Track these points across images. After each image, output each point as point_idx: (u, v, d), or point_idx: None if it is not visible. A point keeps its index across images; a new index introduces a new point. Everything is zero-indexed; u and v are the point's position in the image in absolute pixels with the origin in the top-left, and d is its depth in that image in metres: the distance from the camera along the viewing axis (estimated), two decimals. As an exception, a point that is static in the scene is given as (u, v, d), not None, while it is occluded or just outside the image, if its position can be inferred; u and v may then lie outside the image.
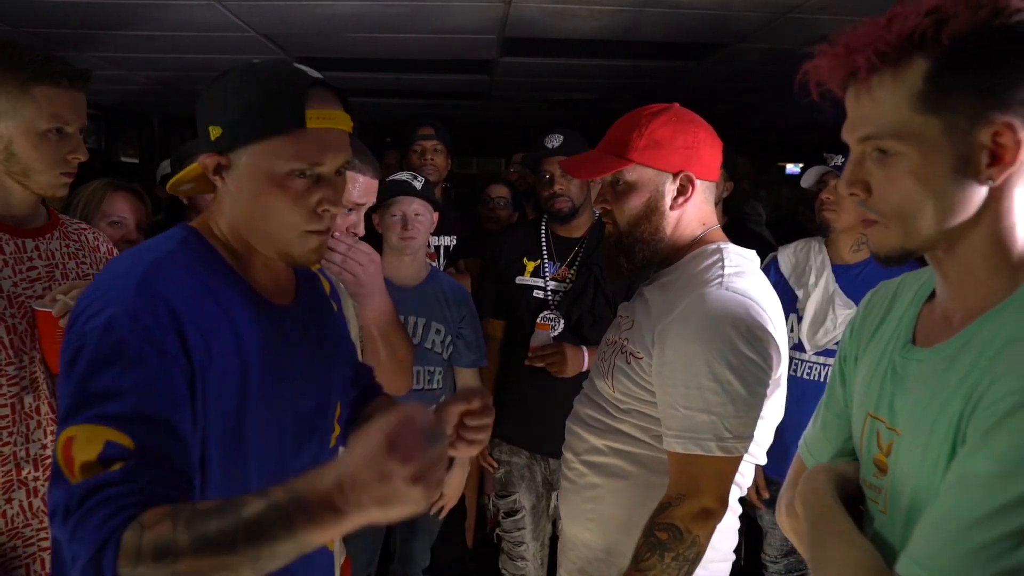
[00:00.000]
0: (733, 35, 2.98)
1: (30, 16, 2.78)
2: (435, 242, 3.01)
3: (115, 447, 0.87)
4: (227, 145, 1.02)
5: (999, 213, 0.81)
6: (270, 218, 1.04)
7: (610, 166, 1.44)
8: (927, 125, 0.79)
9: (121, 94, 4.84)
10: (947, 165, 0.79)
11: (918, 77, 0.79)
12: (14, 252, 1.51)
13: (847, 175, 0.87)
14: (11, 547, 1.47)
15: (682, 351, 1.32)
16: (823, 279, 2.30)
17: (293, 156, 1.01)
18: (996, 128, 0.77)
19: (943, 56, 0.77)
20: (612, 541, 1.45)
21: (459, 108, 5.49)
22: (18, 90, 1.44)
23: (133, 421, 0.89)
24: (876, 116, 0.82)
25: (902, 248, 0.85)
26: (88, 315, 0.95)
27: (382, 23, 2.87)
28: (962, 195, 0.80)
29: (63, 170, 1.51)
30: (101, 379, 0.91)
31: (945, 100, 0.78)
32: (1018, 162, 0.78)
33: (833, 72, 0.84)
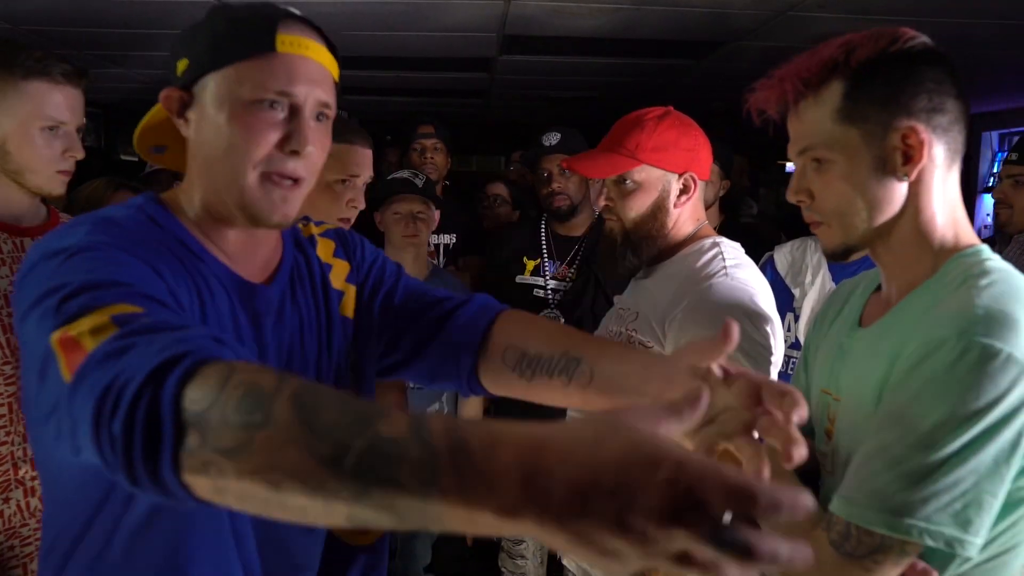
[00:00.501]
0: (732, 33, 2.98)
1: (30, 14, 2.78)
2: (435, 240, 3.01)
3: (127, 315, 0.69)
4: (191, 77, 0.91)
5: (919, 207, 0.97)
6: (229, 158, 0.89)
7: (620, 165, 1.53)
8: (848, 134, 0.95)
9: (121, 92, 4.84)
10: (869, 167, 0.95)
11: (837, 96, 0.96)
12: (12, 251, 1.51)
13: (793, 185, 1.02)
14: (8, 547, 1.47)
15: (695, 338, 1.36)
16: (819, 278, 2.30)
17: (259, 82, 0.88)
18: (903, 131, 0.94)
19: (854, 77, 0.95)
20: None
21: (459, 106, 5.49)
22: (13, 88, 1.43)
23: (134, 296, 0.72)
24: (808, 132, 0.99)
25: (844, 244, 1.01)
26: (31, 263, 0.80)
27: (382, 21, 2.87)
28: (885, 192, 0.96)
29: (59, 168, 1.50)
30: (73, 278, 0.73)
31: (860, 112, 0.95)
32: (926, 159, 0.94)
33: (770, 101, 0.99)
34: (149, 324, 0.67)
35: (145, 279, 0.77)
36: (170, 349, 0.62)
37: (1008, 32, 2.87)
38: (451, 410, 2.47)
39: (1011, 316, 0.86)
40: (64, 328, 0.69)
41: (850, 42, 0.96)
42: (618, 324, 1.58)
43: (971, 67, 3.72)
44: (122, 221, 0.88)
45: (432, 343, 1.09)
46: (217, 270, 0.93)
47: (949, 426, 0.84)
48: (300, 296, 1.04)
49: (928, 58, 0.95)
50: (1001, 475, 0.84)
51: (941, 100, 0.94)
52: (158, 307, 0.72)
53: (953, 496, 0.83)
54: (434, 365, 1.10)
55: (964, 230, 0.99)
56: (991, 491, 0.84)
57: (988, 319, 0.86)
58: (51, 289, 0.73)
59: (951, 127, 0.96)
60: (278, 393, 0.58)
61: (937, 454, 0.84)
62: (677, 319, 1.43)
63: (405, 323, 1.11)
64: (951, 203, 0.98)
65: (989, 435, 0.83)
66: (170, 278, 0.83)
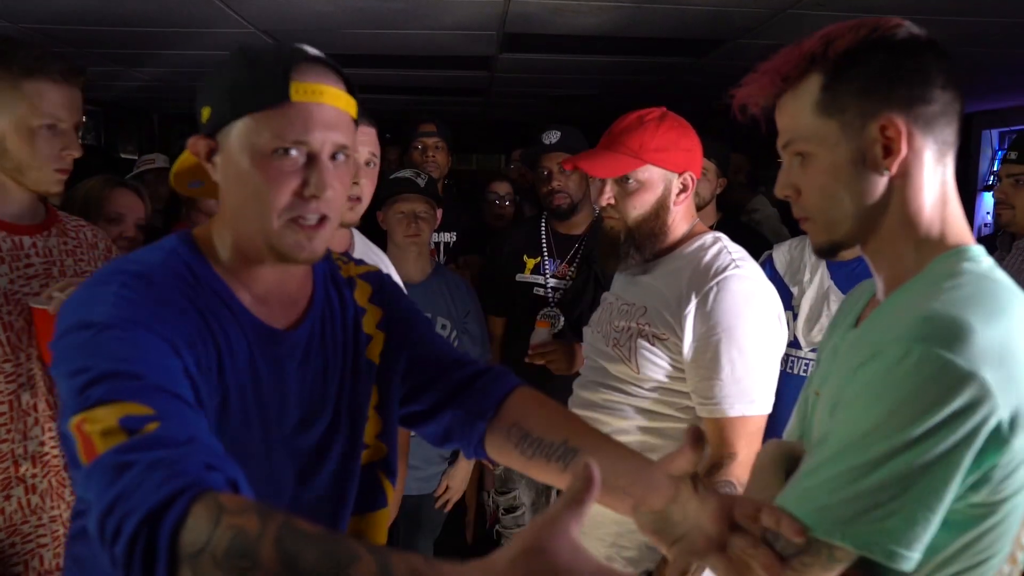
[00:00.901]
0: (732, 31, 2.98)
1: (29, 12, 2.78)
2: (435, 238, 3.01)
3: (135, 417, 0.77)
4: (214, 125, 0.95)
5: (904, 202, 0.93)
6: (255, 203, 0.94)
7: (626, 165, 1.58)
8: (827, 127, 0.93)
9: (121, 90, 4.84)
10: (849, 160, 0.92)
11: (816, 88, 0.93)
12: (11, 249, 1.51)
13: (780, 180, 1.00)
14: (9, 544, 1.48)
15: (715, 328, 1.50)
16: (818, 276, 2.30)
17: (276, 132, 0.92)
18: (881, 122, 0.90)
19: (832, 69, 0.92)
20: None
21: (459, 104, 5.49)
22: (10, 86, 1.43)
23: (146, 391, 0.80)
24: (790, 125, 0.97)
25: (830, 240, 0.98)
26: (65, 328, 0.88)
27: (382, 19, 2.87)
28: (868, 186, 0.93)
29: (57, 166, 1.50)
30: (94, 365, 0.82)
31: (838, 104, 0.92)
32: (906, 150, 0.91)
33: (754, 96, 0.98)
34: (152, 439, 0.75)
35: (161, 367, 0.84)
36: (168, 485, 0.70)
37: (1008, 30, 2.87)
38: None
39: (961, 322, 0.81)
40: (83, 414, 0.78)
41: (830, 33, 0.94)
42: (625, 319, 1.63)
43: (971, 65, 3.72)
44: (153, 275, 0.93)
45: (451, 405, 1.15)
46: (243, 318, 0.98)
47: (882, 431, 0.80)
48: (329, 338, 1.07)
49: (912, 47, 0.92)
50: (936, 487, 0.79)
51: (925, 90, 0.91)
52: (167, 403, 0.80)
53: (878, 502, 0.79)
54: (450, 426, 1.15)
55: (954, 228, 0.95)
56: (924, 503, 0.79)
57: (934, 324, 0.82)
58: (78, 370, 0.83)
59: (938, 119, 0.92)
60: (262, 537, 0.66)
61: (867, 458, 0.80)
62: (695, 312, 1.52)
63: (429, 377, 1.16)
64: (941, 199, 0.94)
65: (924, 442, 0.78)
66: (188, 346, 0.89)
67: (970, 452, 0.79)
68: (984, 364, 0.79)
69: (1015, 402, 0.80)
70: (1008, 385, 0.80)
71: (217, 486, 0.72)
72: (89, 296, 0.91)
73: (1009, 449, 0.80)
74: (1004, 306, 0.86)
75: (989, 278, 0.90)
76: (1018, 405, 0.80)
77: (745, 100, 0.99)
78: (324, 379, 1.05)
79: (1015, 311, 0.86)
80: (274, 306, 1.02)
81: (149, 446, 0.74)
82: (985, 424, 0.79)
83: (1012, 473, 0.82)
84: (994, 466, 0.81)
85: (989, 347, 0.80)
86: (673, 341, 1.54)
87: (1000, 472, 0.81)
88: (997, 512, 0.84)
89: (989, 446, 0.80)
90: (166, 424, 0.77)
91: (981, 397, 0.78)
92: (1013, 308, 0.86)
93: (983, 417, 0.78)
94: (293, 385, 1.02)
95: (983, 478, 0.81)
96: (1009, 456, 0.81)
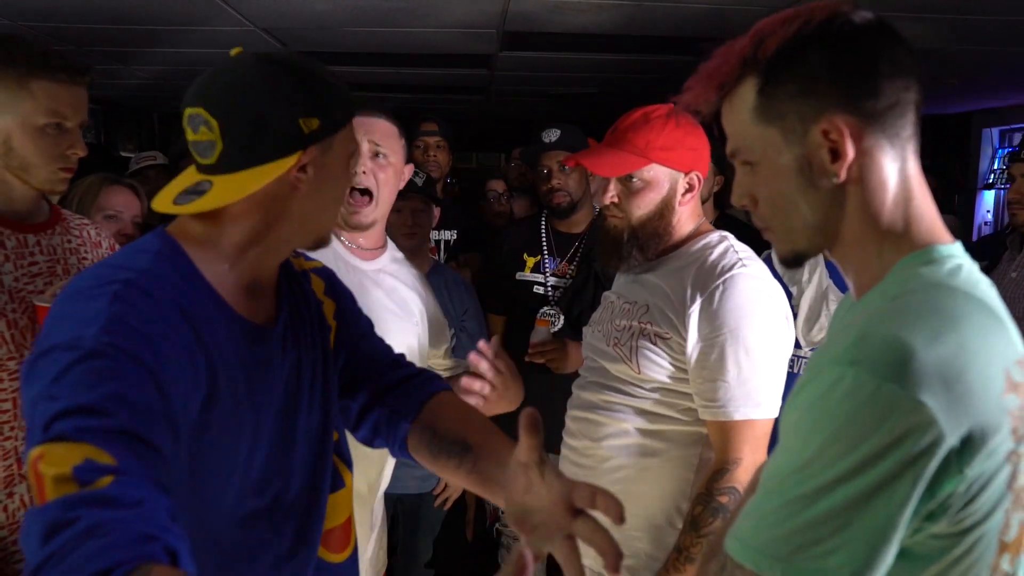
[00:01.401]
0: (732, 30, 2.97)
1: (29, 11, 2.78)
2: (435, 236, 3.01)
3: (92, 466, 0.75)
4: (324, 133, 0.99)
5: (862, 204, 0.85)
6: (333, 207, 1.06)
7: (631, 164, 1.54)
8: (768, 135, 0.86)
9: (120, 88, 4.84)
10: (795, 168, 0.85)
11: (751, 94, 0.86)
12: (16, 247, 1.51)
13: (735, 189, 0.93)
14: (12, 540, 1.48)
15: (721, 327, 1.46)
16: (816, 275, 2.30)
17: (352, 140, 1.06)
18: (823, 126, 0.83)
19: (765, 71, 0.85)
20: (646, 516, 1.53)
21: (459, 102, 5.49)
22: (16, 84, 1.43)
23: (113, 436, 0.78)
24: (733, 135, 0.90)
25: (792, 250, 0.91)
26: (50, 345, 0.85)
27: (382, 17, 2.87)
28: (819, 194, 0.85)
29: (61, 165, 1.50)
30: (69, 395, 0.80)
31: (776, 109, 0.85)
32: (853, 152, 0.83)
33: (695, 104, 0.91)
34: (101, 497, 0.74)
35: (139, 406, 0.82)
36: (98, 561, 0.69)
37: (1007, 28, 2.87)
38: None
39: (897, 341, 0.74)
40: (43, 448, 0.77)
41: (762, 30, 0.86)
42: (627, 318, 1.59)
43: (971, 63, 3.72)
44: (145, 283, 0.91)
45: (380, 404, 1.20)
46: (231, 318, 0.99)
47: (818, 462, 0.74)
48: (300, 329, 1.10)
49: (850, 36, 0.83)
50: (878, 519, 0.72)
51: (870, 83, 0.82)
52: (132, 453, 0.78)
53: (818, 537, 0.73)
54: (377, 425, 1.20)
55: (921, 226, 0.86)
56: (867, 536, 0.73)
57: (869, 345, 0.75)
58: (51, 395, 0.81)
59: (888, 112, 0.83)
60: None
61: (805, 489, 0.74)
62: (700, 311, 1.48)
63: (364, 375, 1.21)
64: (903, 197, 0.86)
65: (864, 474, 0.72)
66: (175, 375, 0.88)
67: (917, 481, 0.72)
68: (924, 388, 0.72)
69: (966, 426, 0.73)
70: (955, 408, 0.72)
71: (154, 557, 0.71)
72: (79, 310, 0.88)
73: (965, 477, 0.73)
74: (955, 320, 0.77)
75: (943, 286, 0.81)
76: (970, 428, 0.73)
77: (687, 107, 0.92)
78: (299, 370, 1.08)
79: (970, 323, 0.78)
80: (255, 302, 1.04)
81: (97, 504, 0.73)
82: (931, 452, 0.71)
83: (973, 500, 0.75)
84: (950, 494, 0.74)
85: (931, 369, 0.72)
86: (676, 341, 1.50)
87: (958, 500, 0.74)
88: (962, 542, 0.77)
89: (942, 475, 0.73)
90: (121, 479, 0.75)
91: (920, 423, 0.71)
92: (967, 320, 0.78)
93: (927, 444, 0.71)
94: (277, 380, 1.04)
95: (940, 508, 0.75)
96: (966, 484, 0.74)
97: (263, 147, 0.95)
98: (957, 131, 5.98)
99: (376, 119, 1.70)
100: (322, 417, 1.12)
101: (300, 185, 0.98)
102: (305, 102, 0.96)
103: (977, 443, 0.73)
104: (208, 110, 0.95)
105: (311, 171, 0.98)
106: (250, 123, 0.94)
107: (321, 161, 0.99)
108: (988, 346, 0.77)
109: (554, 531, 0.82)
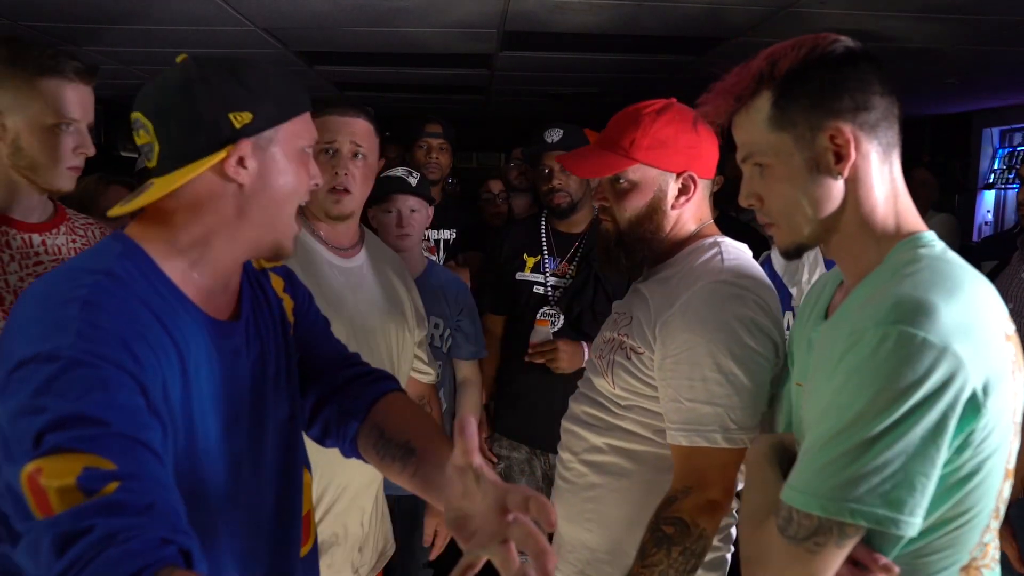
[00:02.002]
0: (733, 29, 2.98)
1: (29, 10, 2.78)
2: (435, 236, 3.01)
3: (95, 473, 0.75)
4: (257, 128, 0.99)
5: (859, 200, 1.02)
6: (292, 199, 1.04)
7: (613, 165, 1.44)
8: (781, 140, 1.03)
9: (121, 88, 4.84)
10: (804, 168, 1.02)
11: (766, 106, 1.03)
12: (21, 247, 1.51)
13: (743, 191, 1.09)
14: None
15: (685, 343, 1.32)
16: (816, 276, 2.31)
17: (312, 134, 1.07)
18: (830, 132, 1.00)
19: (780, 87, 1.02)
20: (614, 540, 1.44)
21: (459, 102, 5.49)
22: (26, 84, 1.44)
23: (110, 441, 0.78)
24: (747, 141, 1.07)
25: (794, 242, 1.07)
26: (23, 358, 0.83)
27: (382, 17, 2.87)
28: (824, 190, 1.02)
29: (69, 165, 1.51)
30: (56, 406, 0.78)
31: (788, 119, 1.02)
32: (854, 154, 1.00)
33: (711, 115, 1.08)
34: (111, 504, 0.74)
35: (127, 408, 0.82)
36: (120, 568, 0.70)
37: (1008, 28, 2.87)
38: (450, 404, 2.48)
39: (927, 302, 0.89)
40: (38, 463, 0.76)
41: (774, 54, 1.03)
42: (611, 330, 1.50)
43: (972, 63, 3.72)
44: (113, 288, 0.91)
45: (330, 402, 1.21)
46: (196, 316, 0.99)
47: (873, 411, 0.87)
48: (262, 326, 1.12)
49: (849, 60, 1.01)
50: (929, 455, 0.87)
51: (866, 98, 1.00)
52: (131, 456, 0.78)
53: (883, 477, 0.87)
54: (327, 424, 1.21)
55: (907, 218, 1.04)
56: (921, 471, 0.87)
57: (904, 307, 0.90)
58: (36, 408, 0.79)
59: (879, 123, 1.01)
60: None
61: (863, 438, 0.88)
62: (666, 323, 1.35)
63: (316, 372, 1.23)
64: (892, 194, 1.04)
65: (912, 416, 0.86)
66: (153, 372, 0.88)
67: (954, 419, 0.87)
68: (954, 338, 0.87)
69: (985, 369, 0.89)
70: (976, 354, 0.88)
71: (170, 560, 0.73)
72: (49, 319, 0.86)
73: (985, 413, 0.89)
74: (960, 283, 0.94)
75: (943, 259, 0.98)
76: (987, 372, 0.89)
77: (703, 118, 1.10)
78: (263, 364, 1.10)
79: (969, 287, 0.94)
80: (218, 299, 1.05)
81: (107, 511, 0.74)
82: (963, 392, 0.87)
83: (990, 435, 0.91)
84: (973, 430, 0.89)
85: (955, 322, 0.88)
86: (648, 355, 1.38)
87: (979, 435, 0.90)
88: (980, 471, 0.92)
89: (967, 412, 0.88)
90: (127, 485, 0.76)
91: (956, 368, 0.87)
92: (967, 285, 0.94)
93: (960, 386, 0.87)
94: (244, 373, 1.06)
95: (965, 442, 0.90)
96: (985, 420, 0.89)
97: (194, 144, 0.96)
98: (957, 131, 5.98)
99: (357, 119, 1.73)
100: (289, 410, 1.14)
101: (242, 180, 0.99)
102: (235, 96, 0.97)
103: (992, 384, 0.89)
104: (144, 114, 0.99)
105: (252, 165, 0.99)
106: (180, 122, 0.96)
107: (262, 156, 1.00)
108: (987, 304, 0.95)
109: (490, 536, 0.81)
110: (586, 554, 1.48)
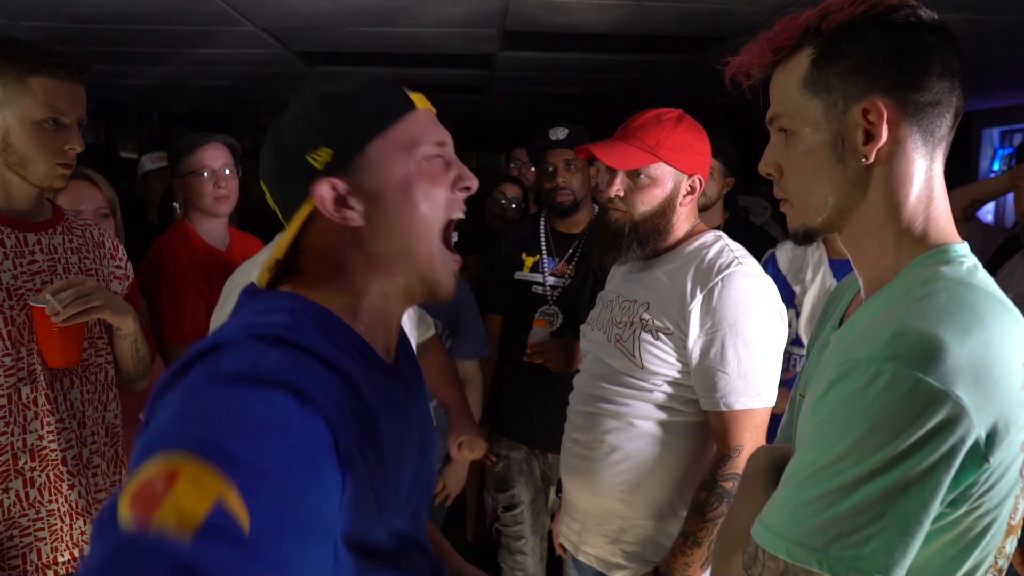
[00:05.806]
0: (734, 29, 2.98)
1: (29, 10, 2.78)
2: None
3: (226, 517, 0.64)
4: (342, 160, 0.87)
5: (886, 191, 0.89)
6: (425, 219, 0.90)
7: (641, 159, 1.62)
8: (811, 105, 0.89)
9: (121, 89, 4.84)
10: (828, 143, 0.89)
11: (805, 63, 0.90)
12: (15, 246, 1.52)
13: (764, 157, 0.96)
14: (8, 536, 1.48)
15: (725, 323, 1.54)
16: (820, 274, 2.30)
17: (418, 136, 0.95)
18: (864, 105, 0.86)
19: (824, 43, 0.88)
20: (651, 505, 1.62)
21: (459, 102, 5.49)
22: (16, 81, 1.46)
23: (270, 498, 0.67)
24: (777, 100, 0.93)
25: (804, 225, 0.94)
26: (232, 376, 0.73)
27: (382, 17, 2.87)
28: (846, 173, 0.89)
29: (59, 161, 1.52)
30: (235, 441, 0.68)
31: (824, 82, 0.88)
32: (886, 137, 0.86)
33: (747, 65, 0.95)
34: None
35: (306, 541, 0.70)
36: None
37: (1008, 28, 2.87)
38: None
39: (933, 338, 0.77)
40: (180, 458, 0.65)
41: (829, 6, 0.89)
42: (627, 315, 1.66)
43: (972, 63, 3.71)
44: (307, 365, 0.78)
45: None
46: (377, 365, 0.90)
47: (856, 454, 0.76)
48: (414, 367, 1.06)
49: (912, 28, 0.86)
50: (912, 510, 0.75)
51: (918, 76, 0.86)
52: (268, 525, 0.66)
53: (854, 527, 0.75)
54: None
55: (938, 226, 0.90)
56: (902, 527, 0.75)
57: (905, 340, 0.77)
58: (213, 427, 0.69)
59: (927, 109, 0.87)
60: None
61: (841, 482, 0.77)
62: (701, 306, 1.56)
63: None
64: (926, 195, 0.89)
65: (899, 466, 0.75)
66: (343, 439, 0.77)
67: (948, 472, 0.75)
68: (958, 382, 0.75)
69: (992, 418, 0.76)
70: (984, 402, 0.76)
71: None
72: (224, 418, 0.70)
73: (987, 466, 0.77)
74: (981, 316, 0.80)
75: (965, 284, 0.84)
76: (995, 421, 0.76)
77: (738, 68, 0.95)
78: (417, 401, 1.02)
79: (994, 320, 0.81)
80: (384, 341, 0.95)
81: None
82: (962, 443, 0.75)
83: (992, 487, 0.79)
84: (973, 483, 0.78)
85: (963, 364, 0.76)
86: (678, 335, 1.58)
87: (979, 488, 0.79)
88: (977, 526, 0.81)
89: (967, 464, 0.76)
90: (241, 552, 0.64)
91: (956, 416, 0.75)
92: (991, 317, 0.81)
93: (960, 437, 0.75)
94: (412, 424, 0.97)
95: (962, 495, 0.79)
96: (987, 472, 0.78)
97: (289, 197, 0.89)
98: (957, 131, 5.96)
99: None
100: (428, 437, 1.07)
101: (354, 222, 0.88)
102: (313, 133, 0.88)
103: (1000, 434, 0.77)
104: (261, 175, 0.93)
105: (356, 202, 0.88)
106: (275, 175, 0.90)
107: (365, 186, 0.88)
108: (1009, 342, 0.80)
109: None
110: (620, 523, 1.65)
